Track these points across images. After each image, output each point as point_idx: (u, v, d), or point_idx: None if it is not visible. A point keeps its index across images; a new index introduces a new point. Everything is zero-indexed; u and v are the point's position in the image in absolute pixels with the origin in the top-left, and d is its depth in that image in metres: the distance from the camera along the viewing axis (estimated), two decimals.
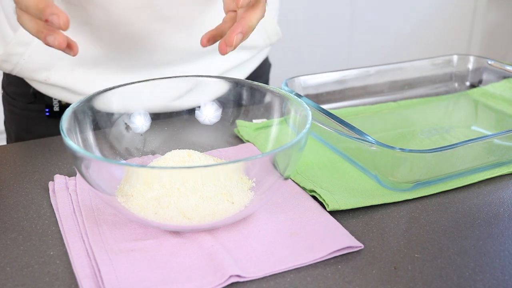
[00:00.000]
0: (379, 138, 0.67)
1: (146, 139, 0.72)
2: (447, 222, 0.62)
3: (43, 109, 0.92)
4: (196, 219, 0.56)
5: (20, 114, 0.95)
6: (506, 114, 0.90)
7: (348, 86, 0.92)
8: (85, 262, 0.54)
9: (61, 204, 0.63)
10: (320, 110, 0.73)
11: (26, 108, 0.93)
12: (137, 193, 0.57)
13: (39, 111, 0.92)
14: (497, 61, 0.96)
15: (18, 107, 0.94)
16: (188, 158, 0.63)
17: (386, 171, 0.66)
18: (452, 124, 0.85)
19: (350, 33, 2.42)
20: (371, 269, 0.54)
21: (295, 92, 0.80)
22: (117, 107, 0.69)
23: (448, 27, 2.59)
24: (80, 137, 0.63)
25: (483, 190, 0.68)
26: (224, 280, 0.51)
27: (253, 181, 0.61)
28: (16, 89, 0.93)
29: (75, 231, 0.59)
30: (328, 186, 0.66)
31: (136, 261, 0.54)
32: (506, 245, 0.58)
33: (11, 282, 0.52)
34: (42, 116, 0.92)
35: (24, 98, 0.92)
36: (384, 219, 0.62)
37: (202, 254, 0.55)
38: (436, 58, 0.99)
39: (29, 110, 0.93)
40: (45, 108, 0.91)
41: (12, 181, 0.69)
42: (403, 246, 0.58)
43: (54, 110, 0.91)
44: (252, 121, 0.79)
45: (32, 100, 0.92)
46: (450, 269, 0.55)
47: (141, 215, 0.57)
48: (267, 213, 0.62)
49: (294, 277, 0.53)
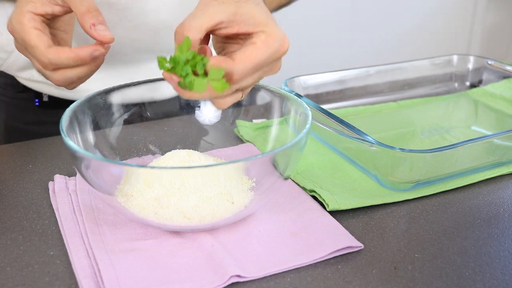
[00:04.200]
0: (379, 138, 0.67)
1: (146, 139, 0.72)
2: (447, 222, 0.62)
3: (33, 99, 0.93)
4: (196, 219, 0.56)
5: (10, 102, 0.95)
6: (506, 114, 0.90)
7: (348, 86, 0.92)
8: (85, 262, 0.54)
9: (61, 204, 0.63)
10: (320, 110, 0.73)
11: (15, 96, 0.94)
12: (137, 193, 0.58)
13: (29, 100, 0.93)
14: (497, 61, 0.96)
15: (7, 96, 0.95)
16: (188, 158, 0.63)
17: (386, 171, 0.66)
18: (452, 124, 0.85)
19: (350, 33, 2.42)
20: (371, 269, 0.54)
21: (295, 92, 0.80)
22: (117, 106, 0.69)
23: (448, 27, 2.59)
24: (80, 137, 0.63)
25: (483, 190, 0.68)
26: (224, 281, 0.51)
27: (253, 181, 0.61)
28: (6, 80, 0.93)
29: (75, 231, 0.59)
30: (328, 186, 0.66)
31: (136, 261, 0.54)
32: (506, 245, 0.58)
33: (11, 282, 0.52)
34: (31, 105, 0.93)
35: (13, 88, 0.93)
36: (384, 219, 0.62)
37: (202, 254, 0.55)
38: (436, 58, 0.99)
39: (19, 98, 0.94)
40: (35, 98, 0.92)
41: (12, 181, 0.69)
42: (403, 246, 0.58)
43: (44, 100, 0.92)
44: (252, 121, 0.79)
45: (21, 90, 0.92)
46: (450, 269, 0.55)
47: (141, 215, 0.57)
48: (267, 213, 0.62)
49: (294, 277, 0.53)
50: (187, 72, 0.53)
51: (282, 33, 0.56)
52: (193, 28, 0.53)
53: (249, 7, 0.56)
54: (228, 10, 0.55)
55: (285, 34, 0.56)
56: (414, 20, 2.52)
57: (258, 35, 0.55)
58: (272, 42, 0.55)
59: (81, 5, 0.58)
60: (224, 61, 0.53)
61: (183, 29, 0.54)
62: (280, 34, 0.56)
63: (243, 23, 0.55)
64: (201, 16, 0.54)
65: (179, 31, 0.54)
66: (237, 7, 0.55)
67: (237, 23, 0.55)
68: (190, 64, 0.53)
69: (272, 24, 0.56)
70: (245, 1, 0.56)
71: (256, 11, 0.56)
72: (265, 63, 0.55)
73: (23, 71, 0.88)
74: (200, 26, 0.54)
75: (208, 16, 0.54)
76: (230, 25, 0.55)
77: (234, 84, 0.54)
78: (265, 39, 0.55)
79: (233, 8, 0.55)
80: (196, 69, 0.53)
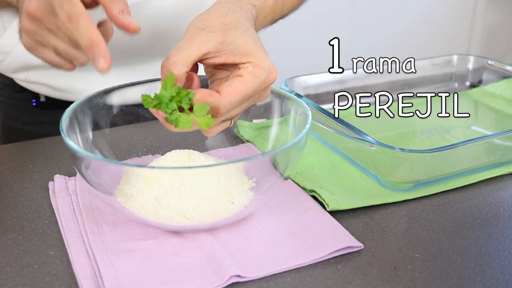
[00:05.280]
0: (379, 138, 0.67)
1: (146, 139, 0.72)
2: (447, 222, 0.62)
3: (30, 99, 0.92)
4: (196, 219, 0.56)
5: (7, 102, 0.95)
6: (506, 114, 0.90)
7: (348, 86, 0.91)
8: (85, 262, 0.54)
9: (61, 204, 0.63)
10: (320, 110, 0.73)
11: (12, 96, 0.94)
12: (137, 193, 0.57)
13: (26, 100, 0.93)
14: (497, 61, 0.96)
15: (4, 96, 0.95)
16: (188, 158, 0.63)
17: (386, 171, 0.66)
18: (452, 124, 0.85)
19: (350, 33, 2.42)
20: (371, 269, 0.54)
21: (295, 92, 0.80)
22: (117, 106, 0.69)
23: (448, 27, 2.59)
24: (80, 137, 0.63)
25: (483, 190, 0.68)
26: (224, 281, 0.51)
27: (253, 181, 0.61)
28: (3, 80, 0.93)
29: (75, 231, 0.58)
30: (328, 186, 0.66)
31: (136, 261, 0.54)
32: (506, 245, 0.58)
33: (11, 282, 0.52)
34: (29, 105, 0.93)
35: (11, 88, 0.93)
36: (384, 219, 0.62)
37: (202, 254, 0.55)
38: (436, 58, 0.99)
39: (16, 98, 0.94)
40: (32, 98, 0.92)
41: (12, 181, 0.69)
42: (403, 246, 0.58)
43: (41, 100, 0.92)
44: (252, 121, 0.79)
45: (19, 90, 0.92)
46: (450, 269, 0.55)
47: (141, 215, 0.57)
48: (267, 213, 0.62)
49: (294, 277, 0.53)
50: (172, 109, 0.53)
51: (270, 62, 0.56)
52: (179, 63, 0.53)
53: (237, 35, 0.55)
54: (215, 40, 0.55)
55: (273, 63, 0.56)
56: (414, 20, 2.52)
57: (245, 66, 0.55)
58: (260, 73, 0.55)
59: None
60: (210, 95, 0.53)
61: (168, 63, 0.53)
62: (268, 64, 0.55)
63: (230, 52, 0.55)
64: (187, 48, 0.54)
65: (165, 65, 0.54)
66: (224, 35, 0.55)
67: (224, 52, 0.55)
68: (175, 101, 0.53)
69: (259, 54, 0.55)
70: (233, 28, 0.56)
71: (243, 40, 0.55)
72: (252, 95, 0.55)
73: (19, 72, 0.88)
74: (186, 60, 0.53)
75: (195, 47, 0.54)
76: (217, 55, 0.55)
77: (220, 116, 0.55)
78: (252, 71, 0.54)
79: (220, 37, 0.55)
80: (182, 104, 0.53)
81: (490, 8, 2.54)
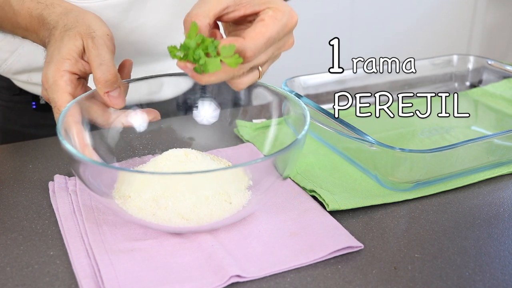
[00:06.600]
0: (379, 138, 0.67)
1: (144, 138, 0.72)
2: (447, 222, 0.62)
3: (29, 101, 0.92)
4: (194, 221, 0.56)
5: (6, 105, 0.95)
6: (506, 114, 0.90)
7: (348, 86, 0.91)
8: (85, 262, 0.54)
9: (61, 204, 0.63)
10: (320, 110, 0.73)
11: (11, 99, 0.93)
12: (134, 193, 0.57)
13: (25, 102, 0.93)
14: (497, 61, 0.96)
15: (3, 99, 0.95)
16: (185, 157, 0.62)
17: (386, 171, 0.66)
18: (452, 124, 0.85)
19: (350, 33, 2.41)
20: (371, 269, 0.54)
21: (295, 92, 0.80)
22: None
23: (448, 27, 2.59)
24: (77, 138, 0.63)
25: (483, 190, 0.68)
26: (224, 281, 0.51)
27: (249, 179, 0.61)
28: (1, 83, 0.93)
29: (75, 231, 0.58)
30: (328, 186, 0.66)
31: (136, 261, 0.54)
32: (506, 245, 0.58)
33: (11, 282, 0.52)
34: (28, 108, 0.93)
35: (9, 91, 0.93)
36: (384, 219, 0.62)
37: (202, 254, 0.55)
38: (436, 58, 0.99)
39: (15, 101, 0.93)
40: (32, 101, 0.92)
41: (12, 181, 0.69)
42: (403, 246, 0.58)
43: (41, 103, 0.92)
44: (251, 121, 0.79)
45: (17, 93, 0.92)
46: (450, 269, 0.55)
47: (140, 217, 0.57)
48: (267, 213, 0.62)
49: (294, 277, 0.53)
50: (199, 55, 0.53)
51: (289, 7, 0.57)
52: (200, 15, 0.54)
53: None
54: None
55: (292, 8, 0.57)
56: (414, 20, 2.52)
57: (265, 11, 0.56)
58: (281, 16, 0.55)
59: (99, 69, 0.60)
60: (234, 40, 0.54)
61: (190, 17, 0.54)
62: (287, 8, 0.56)
63: (248, 4, 0.56)
64: (207, 3, 0.55)
65: (187, 19, 0.55)
66: None
67: (243, 5, 0.56)
68: (201, 48, 0.53)
69: (277, 0, 0.56)
70: None
71: None
72: (276, 38, 0.56)
73: (21, 74, 0.87)
74: (208, 12, 0.55)
75: (214, 2, 0.55)
76: (237, 8, 0.56)
77: (247, 61, 0.55)
78: (273, 14, 0.55)
79: None
80: (208, 51, 0.53)
81: (490, 8, 2.54)
